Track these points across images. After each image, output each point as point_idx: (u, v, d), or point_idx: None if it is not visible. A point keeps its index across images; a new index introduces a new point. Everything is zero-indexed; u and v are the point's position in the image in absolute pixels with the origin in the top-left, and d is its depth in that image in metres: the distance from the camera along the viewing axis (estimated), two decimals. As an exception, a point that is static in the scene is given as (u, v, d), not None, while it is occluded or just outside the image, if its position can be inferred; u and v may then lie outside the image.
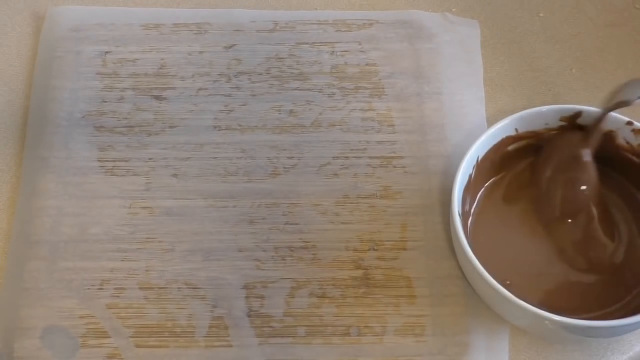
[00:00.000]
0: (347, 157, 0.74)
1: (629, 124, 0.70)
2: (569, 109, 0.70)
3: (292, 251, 0.71)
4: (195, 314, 0.68)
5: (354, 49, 0.79)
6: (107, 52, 0.79)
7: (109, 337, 0.68)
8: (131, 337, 0.68)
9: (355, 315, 0.68)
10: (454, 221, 0.66)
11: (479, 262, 0.65)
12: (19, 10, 0.82)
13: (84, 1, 0.82)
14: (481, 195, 0.71)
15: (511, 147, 0.71)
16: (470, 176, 0.69)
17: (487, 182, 0.72)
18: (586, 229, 0.68)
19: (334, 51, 0.79)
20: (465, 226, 0.69)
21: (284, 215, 0.72)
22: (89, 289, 0.69)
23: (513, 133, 0.71)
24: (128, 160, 0.74)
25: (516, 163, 0.72)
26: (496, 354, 0.67)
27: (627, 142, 0.70)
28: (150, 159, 0.74)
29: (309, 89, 0.78)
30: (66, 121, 0.76)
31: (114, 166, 0.74)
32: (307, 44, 0.80)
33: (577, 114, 0.70)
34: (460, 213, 0.67)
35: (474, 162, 0.69)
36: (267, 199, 0.73)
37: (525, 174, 0.72)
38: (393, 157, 0.74)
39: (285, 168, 0.74)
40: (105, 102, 0.77)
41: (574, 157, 0.69)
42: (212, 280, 0.70)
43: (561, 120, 0.70)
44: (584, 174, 0.69)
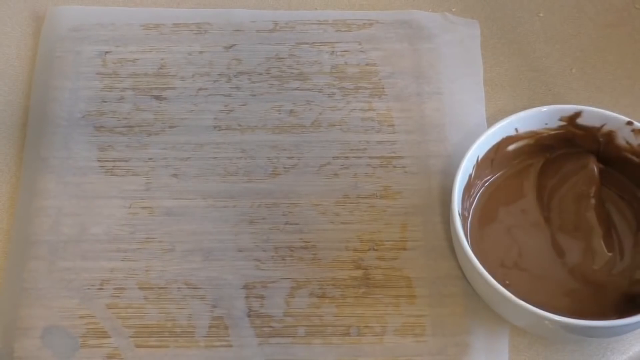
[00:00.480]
0: (347, 157, 0.74)
1: (629, 124, 0.69)
2: (569, 109, 0.70)
3: (292, 251, 0.71)
4: (195, 314, 0.68)
5: (354, 49, 0.79)
6: (107, 52, 0.79)
7: (109, 337, 0.68)
8: (131, 337, 0.68)
9: (355, 315, 0.68)
10: (454, 221, 0.66)
11: (479, 262, 0.64)
12: (19, 10, 0.82)
13: (84, 1, 0.82)
14: (481, 195, 0.71)
15: (511, 147, 0.71)
16: (471, 176, 0.69)
17: (487, 182, 0.72)
18: (587, 241, 0.68)
19: (334, 51, 0.79)
20: (465, 226, 0.69)
21: (284, 215, 0.72)
22: (88, 289, 0.69)
23: (513, 133, 0.71)
24: (128, 160, 0.74)
25: (516, 163, 0.72)
26: (496, 354, 0.67)
27: (627, 142, 0.70)
28: (150, 159, 0.74)
29: (309, 89, 0.77)
30: (66, 121, 0.76)
31: (114, 166, 0.74)
32: (307, 44, 0.80)
33: (577, 114, 0.70)
34: (460, 213, 0.67)
35: (474, 162, 0.69)
36: (267, 199, 0.73)
37: (525, 174, 0.72)
38: (393, 157, 0.74)
39: (285, 168, 0.74)
40: (105, 102, 0.77)
41: (583, 169, 0.70)
42: (212, 280, 0.70)
43: (561, 120, 0.70)
44: (590, 188, 0.69)
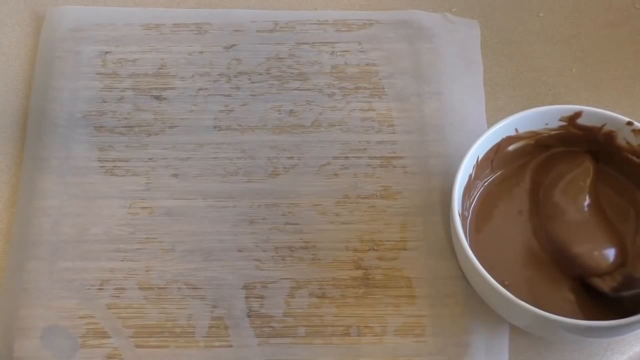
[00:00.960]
0: (347, 157, 0.74)
1: (629, 124, 0.69)
2: (569, 109, 0.70)
3: (292, 251, 0.71)
4: (195, 314, 0.68)
5: (354, 49, 0.79)
6: (107, 52, 0.79)
7: (109, 337, 0.68)
8: (131, 337, 0.68)
9: (355, 316, 0.68)
10: (454, 221, 0.66)
11: (479, 262, 0.64)
12: (19, 10, 0.82)
13: (84, 1, 0.82)
14: (481, 195, 0.71)
15: (511, 147, 0.71)
16: (471, 176, 0.69)
17: (487, 182, 0.71)
18: (587, 241, 0.68)
19: (334, 51, 0.79)
20: (465, 226, 0.69)
21: (284, 215, 0.72)
22: (88, 289, 0.69)
23: (513, 133, 0.71)
24: (128, 160, 0.74)
25: (516, 163, 0.72)
26: (496, 354, 0.67)
27: (627, 142, 0.70)
28: (150, 159, 0.74)
29: (309, 89, 0.77)
30: (66, 121, 0.76)
31: (114, 166, 0.74)
32: (307, 44, 0.80)
33: (577, 114, 0.70)
34: (460, 213, 0.67)
35: (474, 162, 0.69)
36: (267, 199, 0.73)
37: (525, 174, 0.72)
38: (393, 157, 0.74)
39: (285, 168, 0.74)
40: (105, 102, 0.77)
41: (578, 167, 0.70)
42: (212, 281, 0.70)
43: (561, 120, 0.70)
44: (586, 185, 0.69)
